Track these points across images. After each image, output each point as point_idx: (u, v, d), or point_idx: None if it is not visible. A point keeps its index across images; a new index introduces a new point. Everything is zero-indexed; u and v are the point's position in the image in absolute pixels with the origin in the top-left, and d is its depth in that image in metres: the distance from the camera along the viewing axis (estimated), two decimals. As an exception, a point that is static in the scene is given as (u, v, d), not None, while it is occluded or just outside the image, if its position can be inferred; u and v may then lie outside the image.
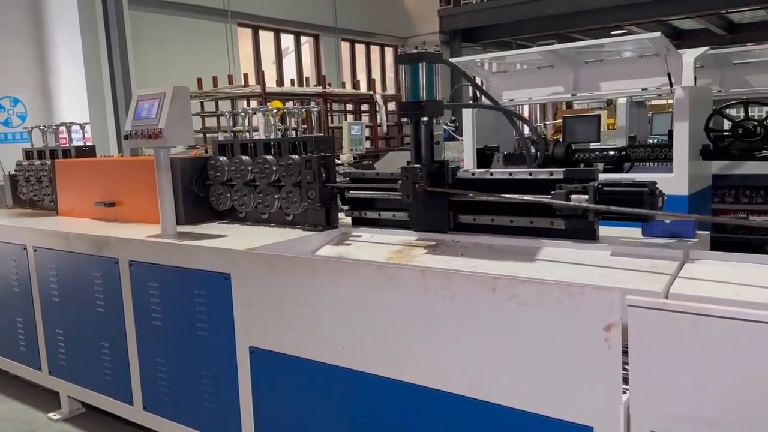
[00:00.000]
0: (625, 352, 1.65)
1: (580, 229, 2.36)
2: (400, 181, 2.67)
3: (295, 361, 2.40)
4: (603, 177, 2.37)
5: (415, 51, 2.68)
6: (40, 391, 3.98)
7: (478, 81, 5.17)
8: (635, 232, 2.39)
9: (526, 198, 2.40)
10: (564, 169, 2.43)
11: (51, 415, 3.72)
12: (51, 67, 9.23)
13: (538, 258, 2.36)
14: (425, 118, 2.69)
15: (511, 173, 2.61)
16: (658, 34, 3.91)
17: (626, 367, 1.66)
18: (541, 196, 2.38)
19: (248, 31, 14.73)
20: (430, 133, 2.71)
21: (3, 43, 8.66)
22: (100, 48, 9.37)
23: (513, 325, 1.82)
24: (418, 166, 2.65)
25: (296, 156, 3.04)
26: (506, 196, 2.46)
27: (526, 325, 1.80)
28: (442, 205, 2.71)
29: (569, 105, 14.68)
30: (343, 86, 13.85)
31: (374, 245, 2.81)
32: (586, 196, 2.24)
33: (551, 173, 2.45)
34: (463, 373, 1.94)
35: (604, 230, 2.41)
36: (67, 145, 4.36)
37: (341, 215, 3.11)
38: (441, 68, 2.75)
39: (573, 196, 2.28)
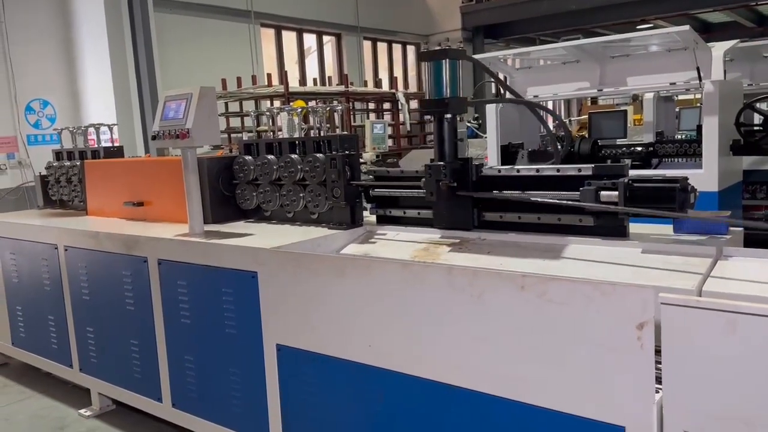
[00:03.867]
0: (657, 351, 1.62)
1: (609, 226, 2.33)
2: (423, 179, 2.66)
3: (322, 359, 2.40)
4: (632, 173, 2.33)
5: (438, 48, 2.65)
6: (71, 388, 4.07)
7: (501, 77, 5.13)
8: (666, 228, 2.36)
9: (558, 200, 2.37)
10: (593, 165, 2.40)
11: (82, 411, 3.79)
12: (79, 69, 9.38)
13: (567, 256, 2.33)
14: (449, 115, 2.69)
15: (538, 170, 2.57)
16: (686, 27, 3.83)
17: (659, 366, 1.63)
18: (569, 193, 2.35)
19: (271, 32, 14.81)
20: (454, 130, 2.70)
21: (34, 47, 8.82)
22: (126, 50, 9.51)
23: (542, 323, 1.80)
24: (442, 163, 2.64)
25: (321, 155, 3.05)
26: (531, 193, 2.43)
27: (556, 324, 1.77)
28: (466, 202, 2.69)
29: (594, 101, 14.50)
30: (366, 85, 13.86)
31: (399, 243, 2.80)
32: (616, 193, 2.20)
33: (580, 169, 2.42)
34: (492, 372, 1.93)
35: (634, 227, 2.37)
36: (96, 146, 4.43)
37: (366, 213, 3.11)
38: (463, 65, 2.73)
39: (602, 193, 2.25)
